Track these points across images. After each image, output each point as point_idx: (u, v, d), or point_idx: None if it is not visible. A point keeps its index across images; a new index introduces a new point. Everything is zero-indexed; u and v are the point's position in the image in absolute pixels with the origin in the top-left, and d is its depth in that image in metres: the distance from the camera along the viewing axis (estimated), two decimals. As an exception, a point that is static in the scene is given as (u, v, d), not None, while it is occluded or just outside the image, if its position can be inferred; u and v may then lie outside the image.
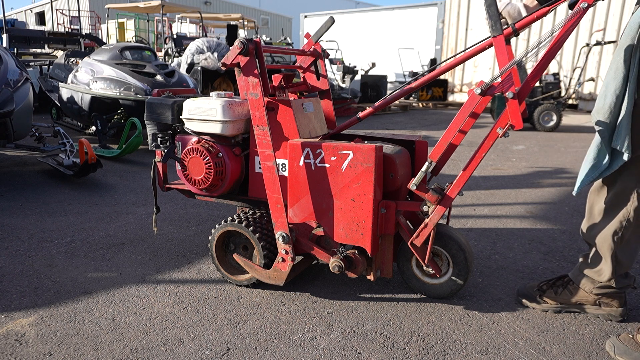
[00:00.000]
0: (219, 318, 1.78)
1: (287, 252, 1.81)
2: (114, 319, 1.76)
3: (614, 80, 1.53)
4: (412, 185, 1.67)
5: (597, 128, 1.60)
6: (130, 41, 14.27)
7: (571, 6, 1.49)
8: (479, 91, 1.55)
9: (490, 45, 1.63)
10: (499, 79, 1.54)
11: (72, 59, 6.61)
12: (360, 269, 1.78)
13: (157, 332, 1.68)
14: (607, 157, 1.61)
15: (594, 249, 1.75)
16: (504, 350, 1.60)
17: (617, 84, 1.53)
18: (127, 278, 2.10)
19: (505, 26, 1.57)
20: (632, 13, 1.54)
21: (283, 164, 1.90)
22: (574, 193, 1.71)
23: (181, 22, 15.62)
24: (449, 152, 1.93)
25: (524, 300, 1.89)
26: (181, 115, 2.05)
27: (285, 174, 1.90)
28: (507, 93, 1.52)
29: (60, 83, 5.60)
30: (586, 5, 1.42)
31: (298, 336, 1.67)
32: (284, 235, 1.78)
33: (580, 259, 1.83)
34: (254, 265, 1.90)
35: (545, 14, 1.58)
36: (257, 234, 1.88)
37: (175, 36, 11.13)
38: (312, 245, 1.83)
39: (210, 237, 2.02)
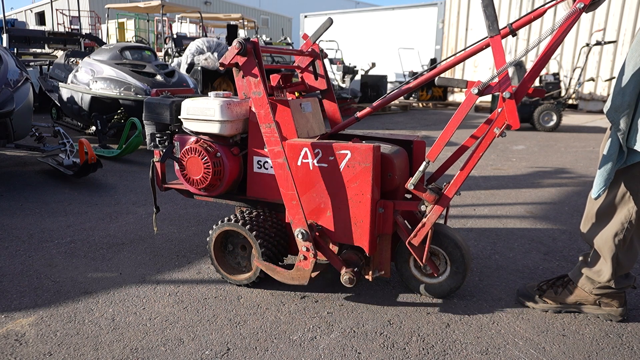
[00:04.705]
0: (219, 318, 1.78)
1: (308, 250, 1.76)
2: (114, 319, 1.76)
3: (634, 77, 1.49)
4: (410, 184, 1.67)
5: (615, 127, 1.55)
6: (130, 41, 14.28)
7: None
8: (476, 91, 1.55)
9: (487, 46, 1.63)
10: (496, 79, 1.54)
11: (72, 59, 6.62)
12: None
13: (157, 332, 1.68)
14: (624, 155, 1.57)
15: (593, 250, 1.75)
16: (504, 350, 1.60)
17: (637, 80, 1.49)
18: (127, 278, 2.10)
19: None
20: None
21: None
22: (593, 196, 1.65)
23: (181, 22, 15.63)
24: (452, 160, 1.93)
25: (524, 300, 1.89)
26: (179, 115, 2.05)
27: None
28: (504, 93, 1.52)
29: (60, 83, 5.60)
30: (582, 5, 1.42)
31: (298, 336, 1.67)
32: (303, 232, 1.73)
33: (580, 258, 1.83)
34: (276, 267, 1.85)
35: (543, 14, 1.58)
36: (254, 233, 1.87)
37: (175, 36, 11.13)
38: (329, 248, 1.78)
39: (208, 238, 2.02)
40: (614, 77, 8.74)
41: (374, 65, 11.05)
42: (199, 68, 6.97)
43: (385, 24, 14.59)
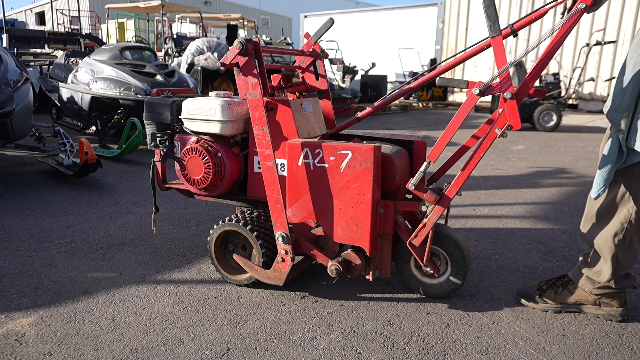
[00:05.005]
0: (219, 318, 1.78)
1: (286, 252, 1.80)
2: (114, 319, 1.76)
3: (634, 78, 1.49)
4: (411, 185, 1.67)
5: (615, 127, 1.55)
6: (130, 41, 14.28)
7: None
8: (477, 91, 1.55)
9: (488, 46, 1.63)
10: (497, 79, 1.54)
11: (72, 59, 6.62)
12: (359, 269, 1.78)
13: (157, 332, 1.68)
14: (624, 155, 1.57)
15: (593, 250, 1.75)
16: (504, 350, 1.60)
17: (637, 80, 1.49)
18: (127, 278, 2.10)
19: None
20: None
21: (282, 164, 1.90)
22: (593, 196, 1.66)
23: (181, 22, 15.62)
24: (453, 161, 1.93)
25: (524, 300, 1.89)
26: (180, 115, 2.05)
27: (284, 173, 1.90)
28: (505, 94, 1.52)
29: (60, 83, 5.60)
30: (584, 5, 1.42)
31: (298, 336, 1.67)
32: (284, 235, 1.78)
33: (580, 259, 1.83)
34: (254, 265, 1.90)
35: (544, 14, 1.58)
36: (255, 233, 1.88)
37: (175, 36, 11.13)
38: (312, 246, 1.82)
39: (208, 238, 2.02)
40: (613, 77, 8.74)
41: (374, 65, 11.05)
42: (199, 68, 6.97)
43: (385, 24, 14.59)
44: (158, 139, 2.12)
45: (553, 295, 1.84)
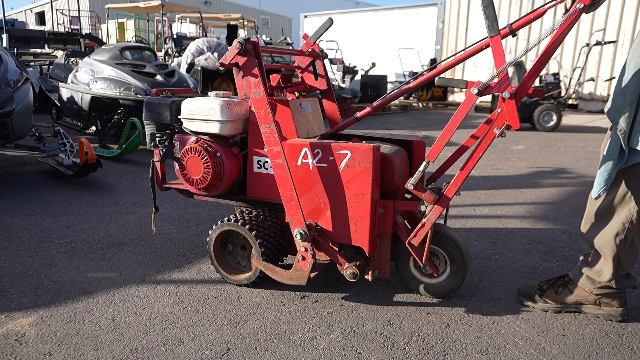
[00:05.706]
0: (219, 318, 1.78)
1: (306, 250, 1.75)
2: (114, 319, 1.76)
3: (635, 77, 1.49)
4: (410, 185, 1.67)
5: (616, 127, 1.55)
6: (130, 41, 14.28)
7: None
8: (476, 91, 1.55)
9: (487, 46, 1.63)
10: (496, 79, 1.54)
11: (72, 59, 6.62)
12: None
13: (157, 332, 1.68)
14: (625, 155, 1.57)
15: (594, 250, 1.75)
16: (504, 350, 1.60)
17: (638, 80, 1.49)
18: (127, 278, 2.10)
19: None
20: None
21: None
22: (594, 196, 1.65)
23: (181, 22, 15.63)
24: (452, 160, 1.93)
25: (524, 300, 1.89)
26: (179, 115, 2.05)
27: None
28: (504, 93, 1.52)
29: (60, 83, 5.60)
30: (582, 5, 1.42)
31: (298, 336, 1.67)
32: (302, 232, 1.73)
33: (581, 258, 1.83)
34: (275, 267, 1.85)
35: (543, 14, 1.58)
36: (254, 232, 1.87)
37: (175, 36, 11.13)
38: (332, 249, 1.78)
39: (208, 238, 2.02)
40: (614, 77, 8.75)
41: (374, 65, 11.05)
42: (199, 68, 6.97)
43: (385, 24, 14.60)
44: (157, 139, 2.12)
45: (553, 295, 1.84)
